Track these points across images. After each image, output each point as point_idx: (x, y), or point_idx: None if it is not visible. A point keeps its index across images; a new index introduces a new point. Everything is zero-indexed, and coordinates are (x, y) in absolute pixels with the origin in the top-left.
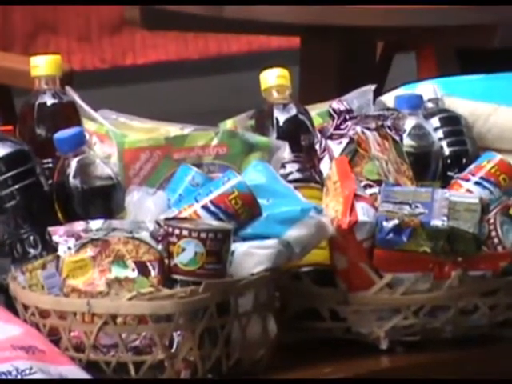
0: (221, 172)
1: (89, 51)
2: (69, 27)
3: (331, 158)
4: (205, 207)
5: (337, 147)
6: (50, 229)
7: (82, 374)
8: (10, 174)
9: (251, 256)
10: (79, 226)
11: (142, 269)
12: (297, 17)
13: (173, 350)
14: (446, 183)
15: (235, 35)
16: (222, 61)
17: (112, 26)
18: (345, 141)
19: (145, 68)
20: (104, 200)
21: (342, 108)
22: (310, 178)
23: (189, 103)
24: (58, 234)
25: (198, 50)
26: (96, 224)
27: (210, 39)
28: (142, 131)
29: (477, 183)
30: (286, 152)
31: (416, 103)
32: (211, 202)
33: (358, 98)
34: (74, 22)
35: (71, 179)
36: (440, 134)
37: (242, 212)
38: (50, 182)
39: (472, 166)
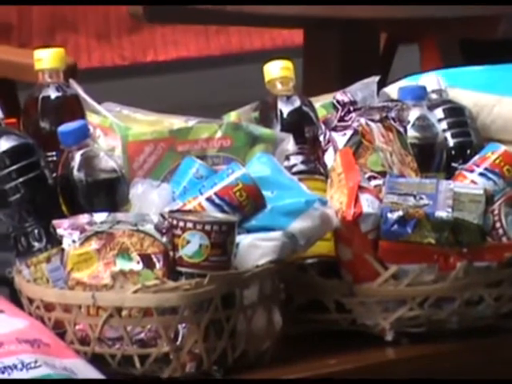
0: (225, 164)
1: (108, 48)
2: (87, 24)
3: (335, 149)
4: (209, 199)
5: (341, 139)
6: (55, 222)
7: (88, 367)
8: (14, 167)
9: (256, 248)
10: (83, 218)
11: (147, 261)
12: (300, 9)
13: (178, 343)
14: (450, 174)
15: (257, 30)
16: (231, 55)
17: (131, 22)
18: (349, 132)
19: (153, 64)
20: (108, 193)
21: (346, 100)
22: (315, 169)
23: (196, 96)
24: (62, 227)
25: (220, 45)
26: (100, 217)
27: (232, 35)
28: (145, 124)
29: (481, 174)
30: (290, 144)
31: (420, 94)
32: (216, 194)
33: (362, 89)
34: (93, 19)
35: (75, 172)
36: (444, 125)
37: (247, 204)
38: (54, 175)
39: (476, 157)
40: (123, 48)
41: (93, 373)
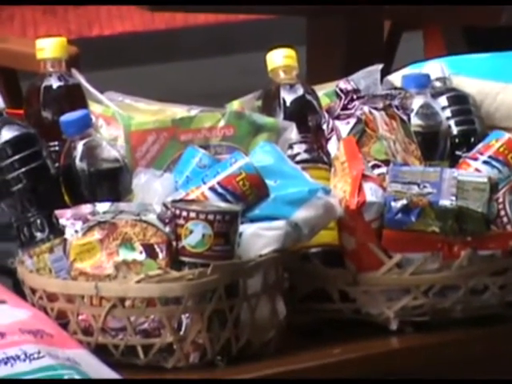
0: (228, 153)
1: (54, 22)
2: None
3: (339, 138)
4: (212, 189)
5: (344, 127)
6: (57, 212)
7: (91, 358)
8: (16, 157)
9: (259, 237)
10: (86, 208)
11: (150, 251)
12: None
13: (181, 333)
14: (454, 162)
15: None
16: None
17: None
18: (352, 121)
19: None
20: (111, 182)
21: (349, 88)
22: (318, 158)
23: (194, 85)
24: (65, 217)
25: (164, 20)
26: (103, 207)
27: None
28: (148, 113)
29: (485, 162)
30: (293, 133)
31: (423, 82)
32: (218, 183)
33: (365, 77)
34: None
35: (78, 162)
36: (448, 113)
37: (250, 193)
38: (56, 165)
39: (480, 145)
40: (69, 22)
41: (96, 363)
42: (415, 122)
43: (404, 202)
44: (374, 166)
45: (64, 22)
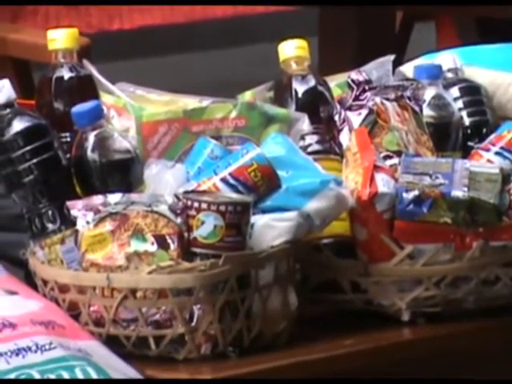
0: (240, 144)
1: (76, 16)
2: None
3: (350, 129)
4: (224, 180)
5: (356, 118)
6: (69, 203)
7: (102, 349)
8: (27, 148)
9: (271, 228)
10: (97, 199)
11: (162, 242)
12: None
13: (193, 324)
14: (466, 153)
15: None
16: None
17: None
18: (364, 112)
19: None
20: (122, 173)
21: (361, 79)
22: (330, 149)
23: (210, 76)
24: (76, 208)
25: (183, 13)
26: (114, 198)
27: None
28: (159, 104)
29: (497, 153)
30: (305, 124)
31: (435, 73)
32: (230, 174)
33: (377, 68)
34: None
35: (89, 153)
36: (460, 104)
37: (262, 184)
38: (67, 156)
39: (492, 136)
40: (90, 15)
41: (107, 354)
42: (427, 112)
43: (416, 192)
44: (386, 157)
45: (86, 16)
